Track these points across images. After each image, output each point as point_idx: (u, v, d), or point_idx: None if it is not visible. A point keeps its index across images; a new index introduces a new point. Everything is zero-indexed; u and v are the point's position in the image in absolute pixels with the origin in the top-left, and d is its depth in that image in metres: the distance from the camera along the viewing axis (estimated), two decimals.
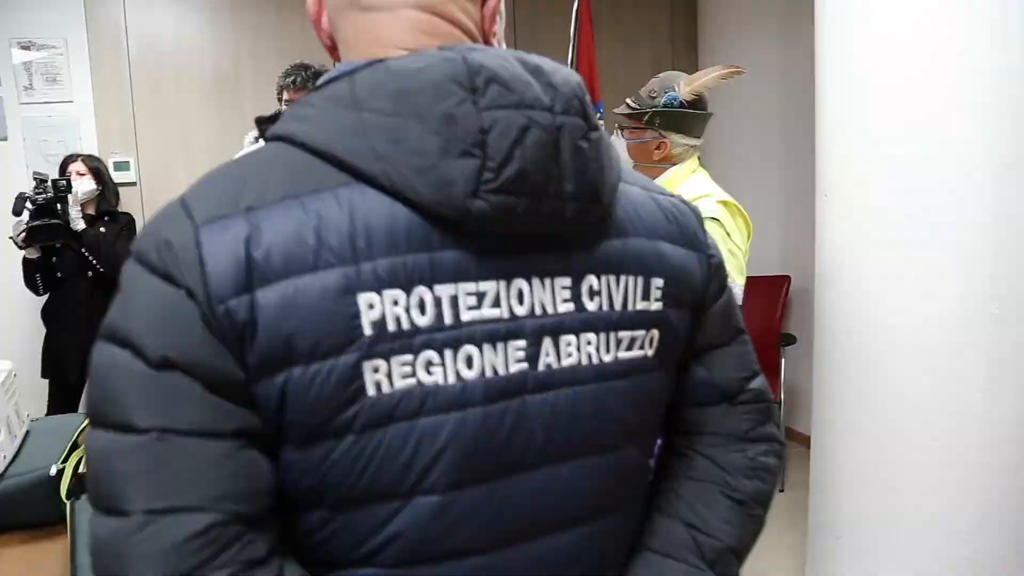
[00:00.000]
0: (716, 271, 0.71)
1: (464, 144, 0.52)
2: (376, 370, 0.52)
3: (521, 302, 0.57)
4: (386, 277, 0.52)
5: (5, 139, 3.40)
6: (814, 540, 2.17)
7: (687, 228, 0.68)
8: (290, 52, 3.04)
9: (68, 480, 1.31)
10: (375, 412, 0.53)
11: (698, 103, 1.90)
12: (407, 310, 0.53)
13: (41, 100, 3.43)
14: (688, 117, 1.89)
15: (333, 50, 0.65)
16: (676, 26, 4.27)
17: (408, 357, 0.53)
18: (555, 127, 0.55)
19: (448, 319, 0.54)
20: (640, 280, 0.63)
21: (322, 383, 0.51)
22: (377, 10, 0.60)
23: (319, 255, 0.51)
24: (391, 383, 0.53)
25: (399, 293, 0.53)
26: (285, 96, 2.41)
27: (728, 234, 1.72)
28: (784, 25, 3.64)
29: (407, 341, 0.53)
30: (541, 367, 0.58)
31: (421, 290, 0.53)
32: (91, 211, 3.01)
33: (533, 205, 0.55)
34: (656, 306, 0.64)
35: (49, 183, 2.79)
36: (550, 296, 0.59)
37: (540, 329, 0.58)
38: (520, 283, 0.57)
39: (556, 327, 0.59)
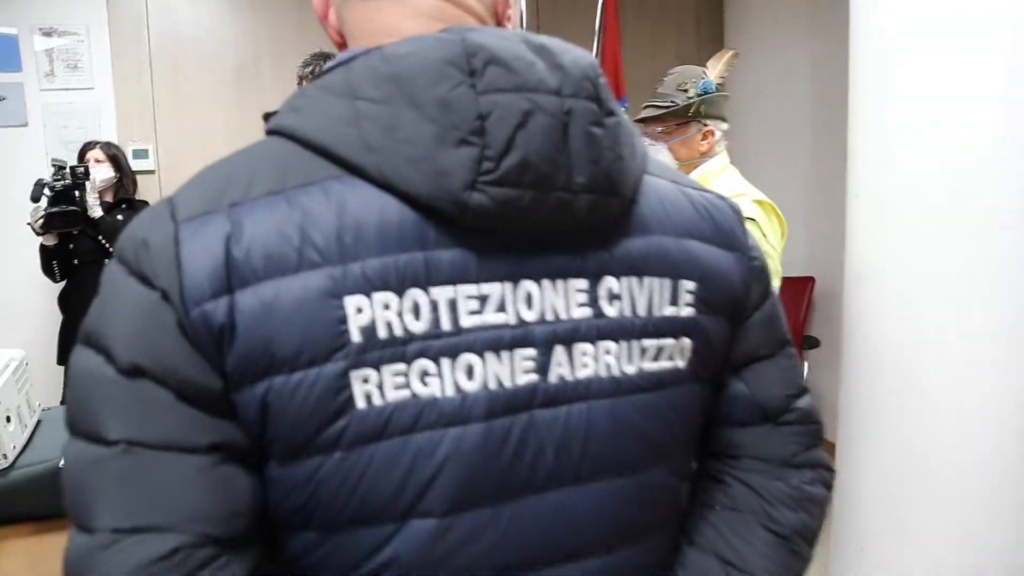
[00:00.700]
0: (758, 274, 0.65)
1: (460, 131, 0.48)
2: (365, 380, 0.48)
3: (530, 306, 0.52)
4: (376, 278, 0.48)
5: (25, 125, 3.41)
6: (837, 552, 2.11)
7: (723, 226, 0.62)
8: (311, 41, 3.00)
9: None
10: (365, 426, 0.49)
11: (721, 86, 1.97)
12: (399, 315, 0.49)
13: (61, 87, 3.43)
14: (724, 100, 1.93)
15: (343, 46, 0.61)
16: (702, 19, 4.20)
17: (401, 367, 0.49)
18: (563, 112, 0.51)
19: (446, 325, 0.50)
20: (667, 283, 0.57)
21: (306, 394, 0.47)
22: None
23: (303, 254, 0.48)
24: (382, 395, 0.49)
25: (390, 296, 0.48)
26: (304, 85, 2.38)
27: (764, 235, 1.68)
28: (815, 17, 3.55)
29: (400, 349, 0.49)
30: (552, 379, 0.53)
31: (415, 292, 0.49)
32: (109, 198, 3.03)
33: (539, 198, 0.50)
34: (686, 312, 0.59)
35: (68, 170, 2.80)
36: (563, 300, 0.53)
37: (551, 337, 0.53)
38: (528, 285, 0.52)
39: (570, 334, 0.54)
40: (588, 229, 0.54)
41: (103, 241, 2.91)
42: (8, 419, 1.34)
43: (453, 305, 0.50)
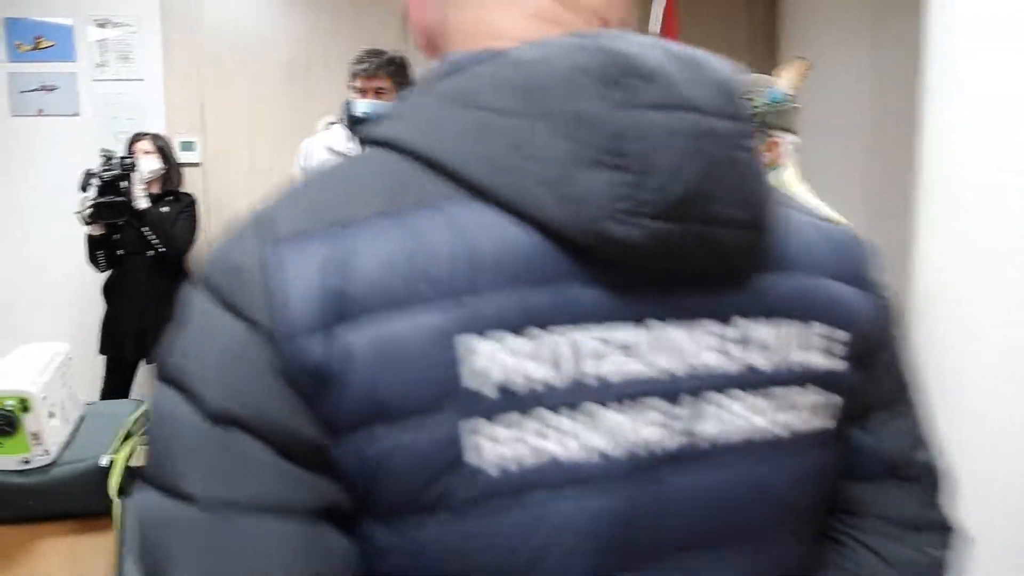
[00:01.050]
0: (888, 315, 0.58)
1: (598, 151, 0.42)
2: (480, 433, 0.42)
3: (663, 353, 0.46)
4: (497, 317, 0.42)
5: (77, 115, 3.45)
6: None
7: (857, 263, 0.56)
8: (363, 38, 2.99)
9: (119, 475, 1.25)
10: (478, 485, 0.43)
11: (791, 97, 1.89)
12: (522, 360, 0.43)
13: (112, 77, 3.47)
14: (794, 112, 1.84)
15: (430, 48, 0.55)
16: (754, 21, 4.10)
17: (520, 419, 0.43)
18: (708, 132, 0.44)
19: (572, 372, 0.44)
20: (809, 328, 0.51)
21: (413, 447, 0.41)
22: None
23: (417, 287, 0.42)
24: (498, 450, 0.43)
25: (512, 337, 0.43)
26: (356, 83, 2.37)
27: None
28: (876, 16, 3.42)
29: (519, 399, 0.43)
30: (686, 436, 0.47)
31: (539, 334, 0.43)
32: (155, 190, 3.05)
33: (681, 231, 0.44)
34: (828, 360, 0.52)
35: (116, 160, 2.83)
36: (698, 346, 0.47)
37: (687, 387, 0.47)
38: (661, 328, 0.46)
39: (707, 385, 0.47)
40: (727, 266, 0.48)
41: (147, 232, 2.93)
42: (52, 414, 1.32)
43: (581, 349, 0.44)
